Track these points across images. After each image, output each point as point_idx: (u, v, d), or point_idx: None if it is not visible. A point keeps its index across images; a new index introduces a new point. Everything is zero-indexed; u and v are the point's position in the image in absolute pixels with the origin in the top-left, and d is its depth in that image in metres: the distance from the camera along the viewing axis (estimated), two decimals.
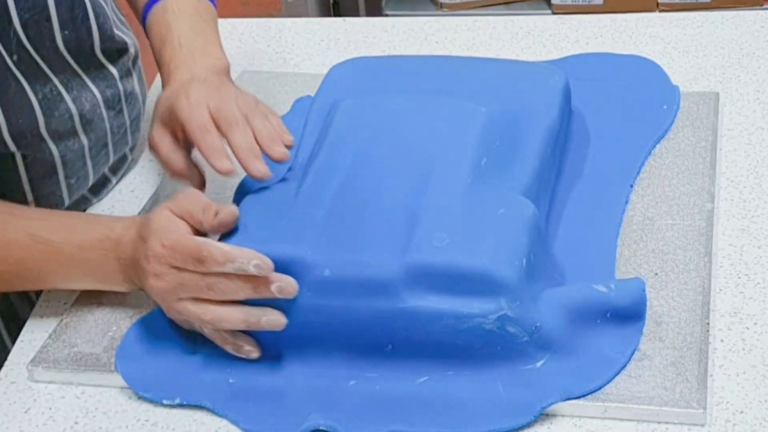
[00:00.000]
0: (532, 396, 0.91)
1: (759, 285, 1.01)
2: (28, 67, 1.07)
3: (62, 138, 1.12)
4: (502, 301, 0.91)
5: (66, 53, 1.10)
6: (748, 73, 1.31)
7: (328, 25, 1.50)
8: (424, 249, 0.93)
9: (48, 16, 1.08)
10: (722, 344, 0.96)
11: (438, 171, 1.00)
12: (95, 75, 1.15)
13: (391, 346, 0.94)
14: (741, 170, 1.15)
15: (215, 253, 0.92)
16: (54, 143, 1.11)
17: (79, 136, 1.14)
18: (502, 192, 0.99)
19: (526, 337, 0.92)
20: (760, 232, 1.07)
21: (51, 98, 1.10)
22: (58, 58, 1.10)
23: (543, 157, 1.06)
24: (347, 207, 0.98)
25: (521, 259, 0.93)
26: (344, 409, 0.92)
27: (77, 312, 1.04)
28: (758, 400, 0.91)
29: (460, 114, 1.06)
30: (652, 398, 0.90)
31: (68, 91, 1.11)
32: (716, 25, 1.41)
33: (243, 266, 0.91)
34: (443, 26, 1.47)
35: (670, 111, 1.21)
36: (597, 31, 1.42)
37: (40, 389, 0.99)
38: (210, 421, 0.94)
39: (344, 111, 1.08)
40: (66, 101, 1.11)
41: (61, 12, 1.08)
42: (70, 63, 1.11)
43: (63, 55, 1.10)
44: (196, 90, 1.05)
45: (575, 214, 1.08)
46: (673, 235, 1.05)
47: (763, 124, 1.22)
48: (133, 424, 0.94)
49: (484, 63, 1.23)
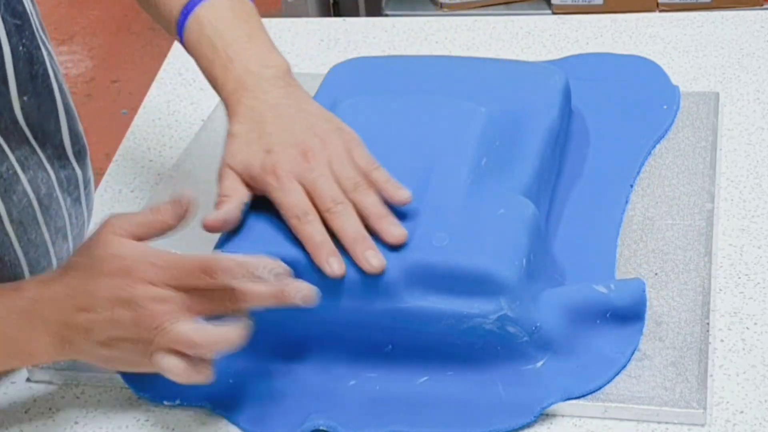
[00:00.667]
0: (532, 396, 0.91)
1: (759, 285, 1.01)
2: None
3: (25, 230, 0.98)
4: (502, 301, 0.91)
5: (25, 126, 0.97)
6: (748, 73, 1.31)
7: (328, 25, 1.50)
8: (424, 249, 0.92)
9: (4, 76, 0.94)
10: (722, 344, 0.96)
11: (438, 171, 1.00)
12: (52, 153, 1.01)
13: (391, 346, 0.94)
14: (741, 170, 1.15)
15: (225, 262, 0.86)
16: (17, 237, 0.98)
17: (40, 226, 1.00)
18: (502, 192, 0.99)
19: (526, 337, 0.92)
20: (760, 232, 1.07)
21: (8, 178, 0.96)
22: (16, 131, 0.96)
23: (543, 157, 1.06)
24: None
25: (521, 259, 0.93)
26: (344, 409, 0.92)
27: None
28: (758, 400, 0.91)
29: (460, 114, 1.06)
30: (652, 398, 0.90)
31: (24, 171, 0.98)
32: (716, 25, 1.41)
33: (259, 273, 0.86)
34: (443, 26, 1.47)
35: (670, 111, 1.21)
36: (597, 31, 1.42)
37: (40, 389, 0.99)
38: (210, 421, 0.94)
39: (344, 111, 1.08)
40: (22, 182, 0.97)
41: (19, 69, 0.95)
42: (27, 137, 0.98)
43: (21, 128, 0.97)
44: (281, 158, 0.94)
45: (575, 214, 1.08)
46: (673, 235, 1.05)
47: (763, 124, 1.22)
48: (133, 424, 0.94)
49: (484, 63, 1.23)
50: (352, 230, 0.91)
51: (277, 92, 1.00)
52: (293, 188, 0.93)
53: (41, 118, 0.99)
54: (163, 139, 1.31)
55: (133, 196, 1.22)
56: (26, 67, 0.96)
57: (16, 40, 0.95)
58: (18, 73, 0.95)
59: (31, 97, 0.97)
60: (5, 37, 0.94)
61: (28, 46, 0.96)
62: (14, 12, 0.95)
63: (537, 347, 0.92)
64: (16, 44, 0.95)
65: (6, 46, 0.94)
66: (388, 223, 0.92)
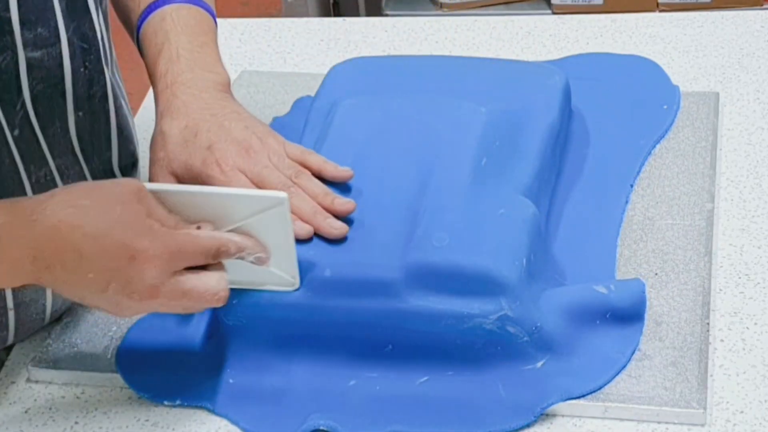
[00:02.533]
0: (532, 396, 0.91)
1: (759, 285, 1.01)
2: (28, 145, 0.96)
3: None
4: (502, 301, 0.91)
5: (75, 138, 0.99)
6: (748, 73, 1.31)
7: (328, 25, 1.50)
8: (425, 249, 0.93)
9: (63, 91, 0.97)
10: (722, 344, 0.96)
11: (438, 171, 1.00)
12: (96, 167, 1.03)
13: (391, 346, 0.94)
14: (741, 170, 1.15)
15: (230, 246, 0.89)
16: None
17: None
18: (502, 192, 0.99)
19: (527, 337, 0.92)
20: (760, 232, 1.07)
21: (44, 183, 0.97)
22: (64, 142, 0.99)
23: (543, 157, 1.06)
24: None
25: (521, 259, 0.93)
26: (344, 409, 0.92)
27: (77, 312, 1.04)
28: (758, 400, 0.91)
29: (460, 114, 1.06)
30: (652, 398, 0.90)
31: (63, 179, 0.99)
32: (716, 25, 1.41)
33: (245, 256, 0.89)
34: (443, 26, 1.46)
35: (670, 111, 1.21)
36: (597, 31, 1.42)
37: (40, 389, 0.99)
38: (210, 421, 0.94)
39: (344, 111, 1.08)
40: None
41: (78, 87, 0.98)
42: (74, 148, 1.00)
43: (71, 139, 0.99)
44: (224, 153, 0.96)
45: (575, 214, 1.08)
46: (673, 235, 1.05)
47: (763, 124, 1.22)
48: (133, 424, 0.94)
49: (484, 63, 1.23)
50: (308, 207, 0.95)
51: (213, 94, 1.01)
52: (239, 178, 0.95)
53: (92, 135, 1.01)
54: None
55: None
56: (85, 87, 0.99)
57: (79, 62, 0.97)
58: (76, 90, 0.98)
59: (86, 114, 0.99)
60: (68, 57, 0.96)
61: (90, 70, 0.99)
62: (83, 36, 0.97)
63: (537, 347, 0.92)
64: (78, 66, 0.97)
65: (68, 65, 0.96)
66: (334, 197, 0.96)
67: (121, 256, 0.84)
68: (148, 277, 0.85)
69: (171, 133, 0.98)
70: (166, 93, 1.01)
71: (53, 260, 0.84)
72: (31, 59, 0.93)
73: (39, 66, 0.94)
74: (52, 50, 0.95)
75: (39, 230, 0.83)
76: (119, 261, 0.84)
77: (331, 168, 0.99)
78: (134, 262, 0.84)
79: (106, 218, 0.84)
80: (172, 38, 1.04)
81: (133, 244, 0.84)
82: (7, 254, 0.84)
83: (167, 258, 0.85)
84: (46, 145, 0.97)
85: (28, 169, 0.96)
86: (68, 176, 1.00)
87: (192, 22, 1.05)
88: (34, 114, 0.95)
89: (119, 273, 0.84)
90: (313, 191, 0.97)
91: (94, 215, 0.84)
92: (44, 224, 0.83)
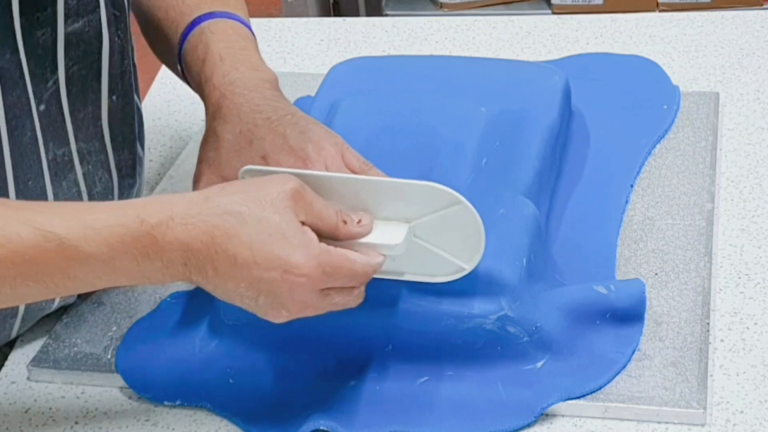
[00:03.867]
0: (532, 396, 0.91)
1: (759, 285, 1.01)
2: (51, 122, 0.95)
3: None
4: (502, 301, 0.91)
5: (106, 125, 0.99)
6: (748, 73, 1.31)
7: (328, 25, 1.50)
8: None
9: (99, 71, 0.96)
10: (722, 344, 0.96)
11: (438, 171, 1.00)
12: (123, 159, 1.02)
13: (391, 346, 0.94)
14: (741, 170, 1.15)
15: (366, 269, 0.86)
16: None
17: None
18: (502, 192, 0.99)
19: (527, 338, 0.92)
20: (760, 232, 1.07)
21: (61, 163, 0.97)
22: (93, 128, 0.98)
23: (543, 157, 1.06)
24: None
25: (521, 259, 0.93)
26: (344, 409, 0.92)
27: (77, 312, 1.04)
28: (758, 400, 0.91)
29: (460, 114, 1.06)
30: (652, 398, 0.90)
31: (81, 163, 0.99)
32: (716, 25, 1.41)
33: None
34: (443, 26, 1.47)
35: (670, 111, 1.21)
36: (597, 31, 1.42)
37: (40, 389, 0.99)
38: (210, 421, 0.94)
39: (344, 111, 1.08)
40: (75, 171, 0.99)
41: (113, 61, 0.96)
42: (103, 135, 0.99)
43: (102, 126, 0.99)
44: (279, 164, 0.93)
45: (575, 214, 1.08)
46: (673, 235, 1.05)
47: (763, 124, 1.22)
48: (133, 424, 0.94)
49: (484, 63, 1.23)
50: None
51: (263, 93, 0.98)
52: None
53: (123, 123, 1.01)
54: (163, 139, 1.31)
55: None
56: (118, 61, 0.98)
57: (113, 30, 0.97)
58: (112, 66, 0.97)
59: (118, 97, 0.99)
60: (106, 25, 0.95)
61: (122, 39, 0.98)
62: (115, 3, 0.97)
63: (537, 347, 0.92)
64: (113, 35, 0.97)
65: (106, 35, 0.95)
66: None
67: (275, 268, 0.82)
68: (298, 294, 0.83)
69: (224, 137, 0.96)
70: (215, 94, 0.98)
71: (206, 265, 0.82)
72: (70, 34, 0.93)
73: (77, 42, 0.94)
74: (92, 17, 0.94)
75: (193, 233, 0.81)
76: (272, 272, 0.82)
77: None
78: (287, 276, 0.82)
79: (262, 229, 0.82)
80: (212, 46, 1.01)
81: (288, 258, 0.81)
82: (162, 255, 0.81)
83: (318, 277, 0.83)
84: (72, 126, 0.96)
85: (47, 145, 0.95)
86: (88, 162, 0.99)
87: (230, 31, 1.04)
88: (66, 94, 0.94)
89: (270, 285, 0.82)
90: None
91: (251, 225, 0.82)
92: (199, 228, 0.81)
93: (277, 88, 1.01)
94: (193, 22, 1.04)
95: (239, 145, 0.95)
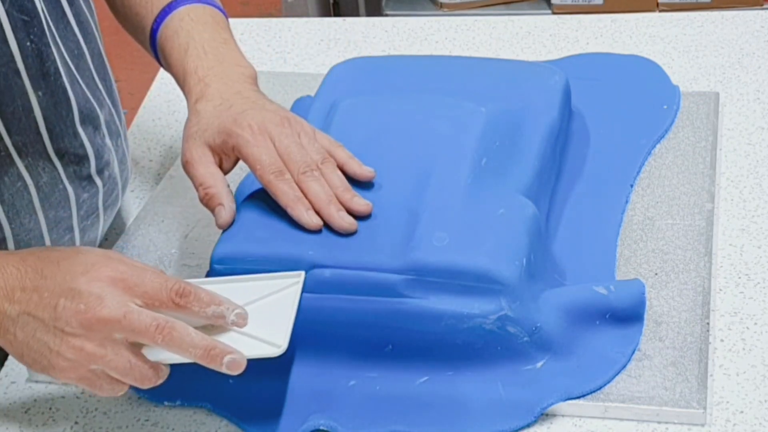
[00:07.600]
0: (532, 396, 0.91)
1: (759, 285, 1.01)
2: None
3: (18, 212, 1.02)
4: (502, 301, 0.91)
5: (41, 118, 1.00)
6: (748, 73, 1.31)
7: (328, 25, 1.50)
8: (425, 248, 0.93)
9: (17, 72, 0.97)
10: (722, 344, 0.96)
11: (438, 171, 1.00)
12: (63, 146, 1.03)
13: (391, 346, 0.94)
14: (741, 170, 1.15)
15: (200, 293, 0.86)
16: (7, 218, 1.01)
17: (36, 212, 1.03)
18: (502, 192, 0.99)
19: (527, 338, 0.92)
20: (760, 232, 1.07)
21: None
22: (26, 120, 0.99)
23: (543, 157, 1.06)
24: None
25: (521, 259, 0.93)
26: (344, 409, 0.92)
27: None
28: (758, 400, 0.91)
29: (460, 114, 1.06)
30: (652, 398, 0.90)
31: (20, 156, 1.00)
32: (716, 25, 1.41)
33: (225, 312, 0.87)
34: (443, 26, 1.47)
35: (670, 111, 1.21)
36: (597, 31, 1.42)
37: (40, 389, 0.99)
38: (210, 421, 0.94)
39: (344, 111, 1.08)
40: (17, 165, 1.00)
41: (29, 63, 0.98)
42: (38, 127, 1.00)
43: (35, 118, 1.00)
44: (259, 118, 0.98)
45: (575, 214, 1.08)
46: (673, 235, 1.05)
47: (763, 124, 1.22)
48: (133, 424, 0.94)
49: (484, 63, 1.23)
50: (325, 196, 0.96)
51: (245, 86, 1.03)
52: (267, 145, 0.97)
53: (56, 115, 1.01)
54: (163, 139, 1.31)
55: (134, 196, 1.22)
56: (36, 64, 0.98)
57: (23, 35, 0.97)
58: (28, 68, 0.98)
59: (45, 93, 1.00)
60: (11, 32, 0.96)
61: (36, 43, 0.98)
62: (22, 8, 0.97)
63: (537, 347, 0.92)
64: (23, 39, 0.97)
65: (12, 40, 0.96)
66: (354, 195, 0.97)
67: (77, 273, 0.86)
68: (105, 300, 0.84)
69: (205, 109, 1.01)
70: (200, 85, 1.03)
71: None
72: None
73: None
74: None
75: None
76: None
77: (355, 165, 1.00)
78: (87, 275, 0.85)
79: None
80: (195, 36, 1.06)
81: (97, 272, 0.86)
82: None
83: (126, 285, 0.85)
84: (2, 122, 0.97)
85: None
86: (27, 153, 1.00)
87: (210, 20, 1.08)
88: None
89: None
90: (334, 182, 0.97)
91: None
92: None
93: (255, 84, 1.05)
94: (170, 5, 1.08)
95: (219, 111, 1.00)
